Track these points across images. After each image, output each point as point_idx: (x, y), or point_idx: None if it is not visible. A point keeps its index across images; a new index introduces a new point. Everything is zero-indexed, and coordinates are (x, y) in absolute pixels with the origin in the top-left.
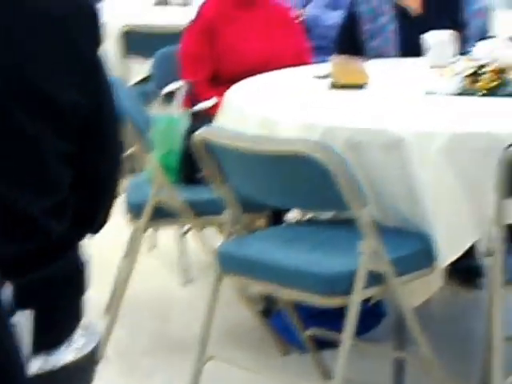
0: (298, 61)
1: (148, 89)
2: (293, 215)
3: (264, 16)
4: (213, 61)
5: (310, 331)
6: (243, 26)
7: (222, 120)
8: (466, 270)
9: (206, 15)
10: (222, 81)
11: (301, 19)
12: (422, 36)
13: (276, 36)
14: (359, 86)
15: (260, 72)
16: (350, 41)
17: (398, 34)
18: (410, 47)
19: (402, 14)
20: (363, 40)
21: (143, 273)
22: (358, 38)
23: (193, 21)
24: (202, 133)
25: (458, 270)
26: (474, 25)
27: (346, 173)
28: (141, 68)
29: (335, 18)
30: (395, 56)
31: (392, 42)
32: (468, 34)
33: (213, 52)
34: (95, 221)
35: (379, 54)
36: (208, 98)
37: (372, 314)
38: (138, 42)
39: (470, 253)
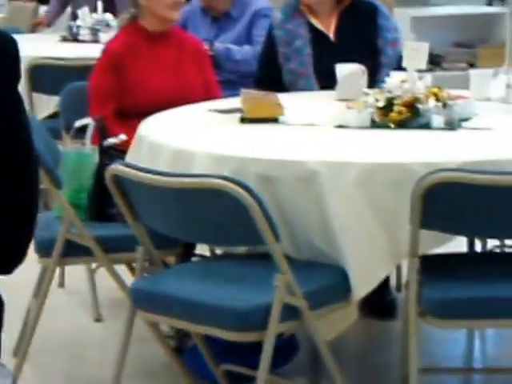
0: (208, 95)
1: (56, 125)
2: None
3: (175, 50)
4: (120, 96)
5: (224, 367)
6: (152, 60)
7: (134, 154)
8: (380, 303)
9: (113, 50)
10: (131, 116)
11: (211, 53)
12: (336, 66)
13: (187, 70)
14: (272, 120)
15: (170, 107)
16: (270, 65)
17: (313, 57)
18: (327, 71)
19: (319, 38)
20: (281, 62)
21: (53, 311)
22: (277, 61)
23: (100, 55)
24: (113, 168)
25: (373, 303)
26: (389, 53)
27: (259, 207)
28: (48, 103)
29: (245, 52)
30: (311, 78)
31: (308, 64)
32: (384, 61)
33: (120, 87)
34: (12, 257)
35: (296, 77)
36: (117, 134)
37: (286, 348)
38: (44, 77)
39: (384, 285)
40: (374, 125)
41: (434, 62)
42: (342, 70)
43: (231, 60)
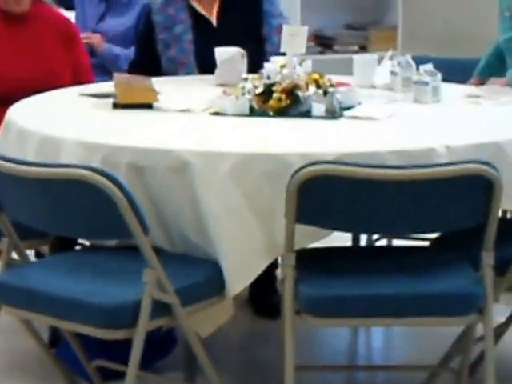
0: (79, 79)
1: None
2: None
3: (37, 31)
4: None
5: (96, 362)
6: (12, 43)
7: (2, 142)
8: (268, 303)
9: None
10: None
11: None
12: (215, 49)
13: (51, 53)
14: (146, 106)
15: (36, 92)
16: (148, 51)
17: (195, 44)
18: (208, 58)
19: (200, 23)
20: (159, 50)
21: None
22: (155, 47)
23: None
24: None
25: (260, 303)
26: (274, 41)
27: (127, 199)
28: None
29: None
30: (192, 68)
31: (189, 52)
32: (269, 49)
33: None
34: None
35: (176, 65)
36: None
37: (163, 342)
38: None
39: (270, 284)
40: (252, 112)
41: (325, 44)
42: (221, 53)
43: (116, 67)
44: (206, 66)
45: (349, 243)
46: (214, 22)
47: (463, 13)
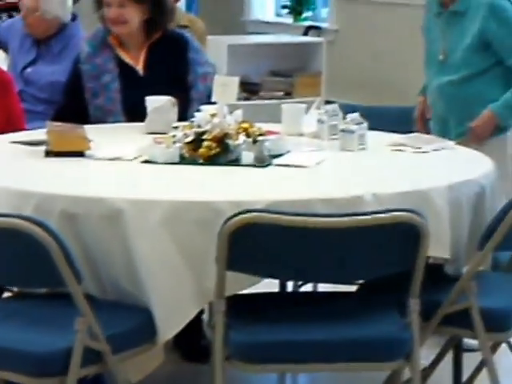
0: (11, 126)
1: None
2: None
3: None
4: None
5: None
6: None
7: None
8: (195, 348)
9: None
10: None
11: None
12: (146, 98)
13: None
14: (78, 154)
15: None
16: (75, 99)
17: (122, 92)
18: (135, 107)
19: (127, 72)
20: (87, 98)
21: None
22: (83, 96)
23: None
24: None
25: (188, 348)
26: (200, 88)
27: (60, 248)
28: None
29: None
30: (120, 116)
31: (116, 100)
32: (194, 96)
33: None
34: None
35: (104, 113)
36: None
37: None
38: None
39: (198, 329)
40: (183, 160)
41: (251, 90)
42: (152, 102)
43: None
44: (134, 114)
45: (276, 287)
46: (141, 71)
47: (386, 60)
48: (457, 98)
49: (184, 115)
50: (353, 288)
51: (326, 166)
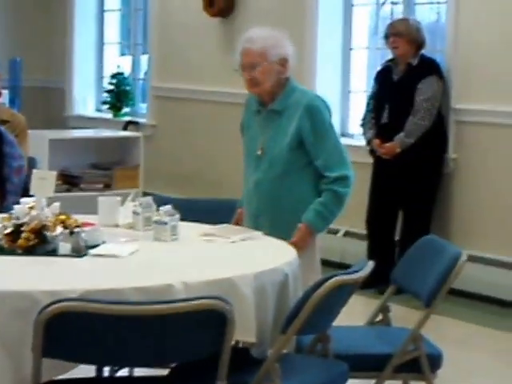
0: None
1: None
2: None
3: None
4: None
5: None
6: None
7: None
8: None
9: None
10: None
11: None
12: None
13: None
14: None
15: None
16: None
17: None
18: None
19: None
20: None
21: None
22: None
23: None
24: None
25: None
26: (14, 181)
27: None
28: None
29: None
30: None
31: None
32: (10, 189)
33: None
34: None
35: None
36: None
37: None
38: None
39: None
40: (2, 251)
41: (72, 182)
42: None
43: None
44: None
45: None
46: None
47: (201, 155)
48: (269, 195)
49: (1, 207)
50: (166, 371)
51: (140, 256)
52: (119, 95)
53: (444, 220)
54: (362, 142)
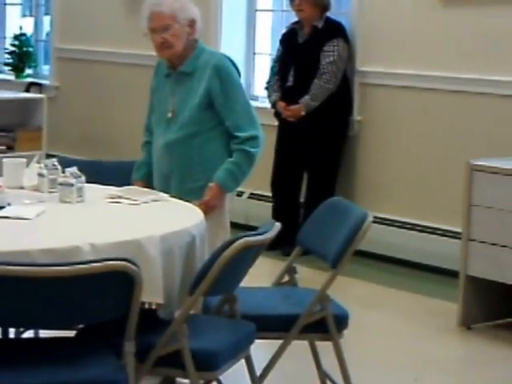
0: None
1: None
2: None
3: None
4: None
5: None
6: None
7: None
8: None
9: None
10: None
11: None
12: None
13: None
14: None
15: None
16: None
17: None
18: None
19: None
20: None
21: None
22: None
23: None
24: None
25: None
26: None
27: None
28: None
29: None
30: None
31: None
32: None
33: None
34: None
35: None
36: None
37: None
38: None
39: None
40: None
41: None
42: None
43: None
44: None
45: None
46: None
47: (105, 116)
48: (180, 155)
49: None
50: (73, 333)
51: (46, 218)
52: (21, 56)
53: (349, 182)
54: (267, 105)
